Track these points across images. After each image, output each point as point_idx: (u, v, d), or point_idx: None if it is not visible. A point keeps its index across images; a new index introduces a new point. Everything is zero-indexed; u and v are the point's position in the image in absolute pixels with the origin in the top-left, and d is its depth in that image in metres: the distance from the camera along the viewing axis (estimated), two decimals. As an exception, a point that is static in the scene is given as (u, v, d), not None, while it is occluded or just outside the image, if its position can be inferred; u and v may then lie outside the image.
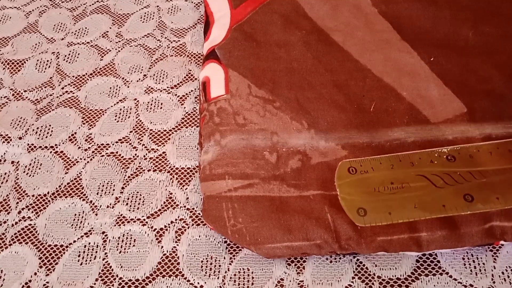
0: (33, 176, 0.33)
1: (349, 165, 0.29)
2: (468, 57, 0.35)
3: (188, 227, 0.30)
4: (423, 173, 0.28)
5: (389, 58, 0.35)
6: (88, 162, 0.34)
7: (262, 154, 0.31)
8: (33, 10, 0.44)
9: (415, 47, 0.35)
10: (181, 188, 0.32)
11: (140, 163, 0.33)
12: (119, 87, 0.38)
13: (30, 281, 0.29)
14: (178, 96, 0.37)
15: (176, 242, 0.30)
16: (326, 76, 0.34)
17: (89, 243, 0.30)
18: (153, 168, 0.33)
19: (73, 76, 0.39)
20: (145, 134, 0.35)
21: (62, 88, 0.38)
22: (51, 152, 0.34)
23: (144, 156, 0.34)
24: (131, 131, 0.35)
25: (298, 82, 0.34)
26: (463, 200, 0.27)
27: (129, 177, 0.33)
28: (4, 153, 0.34)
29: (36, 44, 0.41)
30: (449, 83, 0.33)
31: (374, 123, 0.32)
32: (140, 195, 0.32)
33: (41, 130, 0.35)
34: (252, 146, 0.31)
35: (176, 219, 0.31)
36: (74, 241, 0.30)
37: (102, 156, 0.34)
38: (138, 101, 0.37)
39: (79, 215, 0.31)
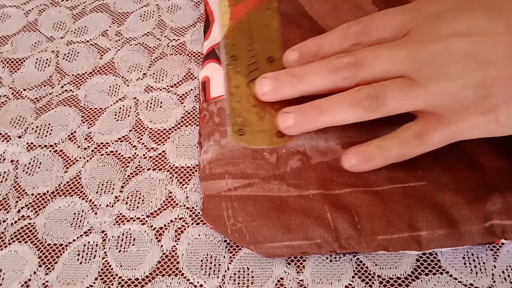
0: (32, 175, 0.33)
1: (233, 133, 0.31)
2: None
3: (188, 226, 0.30)
4: (247, 80, 0.32)
5: None
6: (87, 161, 0.33)
7: (261, 154, 0.31)
8: (32, 8, 0.44)
9: None
10: (181, 187, 0.32)
11: (139, 162, 0.33)
12: (119, 86, 0.38)
13: (29, 280, 0.29)
14: (178, 95, 0.37)
15: (175, 241, 0.30)
16: None
17: (89, 242, 0.30)
18: (153, 167, 0.33)
19: (73, 75, 0.38)
20: (144, 133, 0.35)
21: (62, 87, 0.38)
22: (50, 151, 0.34)
23: (144, 155, 0.34)
24: (130, 130, 0.35)
25: None
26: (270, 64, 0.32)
27: (128, 176, 0.33)
28: (4, 152, 0.34)
29: (35, 43, 0.41)
30: None
31: (374, 122, 0.32)
32: (140, 194, 0.32)
33: (40, 129, 0.35)
34: None
35: (175, 218, 0.31)
36: (74, 240, 0.30)
37: (102, 155, 0.34)
38: (137, 100, 0.37)
39: (78, 214, 0.31)
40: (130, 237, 0.30)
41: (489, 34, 0.26)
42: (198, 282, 0.28)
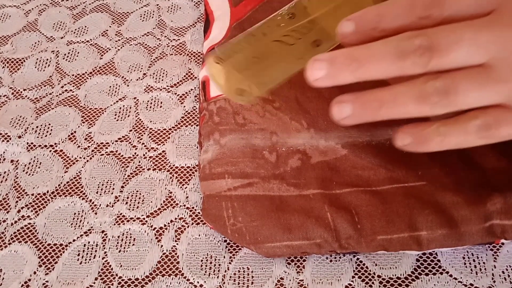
0: (32, 175, 0.33)
1: (215, 55, 0.29)
2: None
3: (188, 226, 0.30)
4: (276, 38, 0.28)
5: None
6: (87, 161, 0.33)
7: (261, 153, 0.31)
8: (32, 8, 0.44)
9: None
10: (181, 187, 0.32)
11: (139, 162, 0.33)
12: (119, 86, 0.38)
13: (29, 280, 0.29)
14: (178, 95, 0.37)
15: (175, 241, 0.30)
16: None
17: (89, 242, 0.30)
18: (153, 167, 0.33)
19: (73, 75, 0.38)
20: (144, 133, 0.35)
21: (62, 87, 0.38)
22: (50, 151, 0.34)
23: (144, 155, 0.34)
24: (130, 130, 0.35)
25: (298, 81, 0.34)
26: (313, 47, 0.27)
27: (128, 176, 0.33)
28: (4, 152, 0.34)
29: (35, 43, 0.41)
30: None
31: (373, 122, 0.32)
32: (140, 194, 0.32)
33: (40, 129, 0.35)
34: (252, 145, 0.31)
35: (175, 218, 0.31)
36: (74, 240, 0.30)
37: (102, 155, 0.34)
38: (137, 100, 0.37)
39: (78, 214, 0.31)
40: (130, 237, 0.30)
41: None
42: (198, 282, 0.28)
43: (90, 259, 0.29)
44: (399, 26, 0.24)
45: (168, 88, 0.37)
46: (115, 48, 0.40)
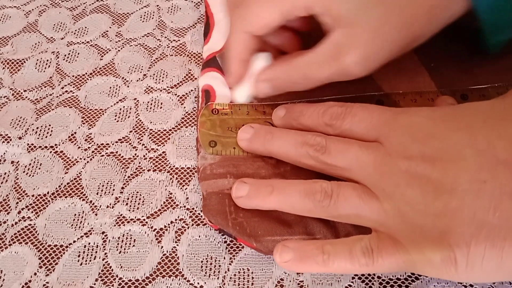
0: (33, 176, 0.33)
1: (214, 107, 0.33)
2: (468, 62, 0.34)
3: (188, 227, 0.30)
4: (270, 120, 0.33)
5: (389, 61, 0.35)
6: (88, 162, 0.33)
7: (261, 156, 0.31)
8: (32, 9, 0.44)
9: (415, 51, 0.35)
10: (181, 188, 0.32)
11: (140, 163, 0.33)
12: (119, 86, 0.38)
13: (30, 281, 0.29)
14: (178, 95, 0.37)
15: (176, 242, 0.30)
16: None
17: (89, 243, 0.30)
18: (153, 168, 0.33)
19: (73, 76, 0.39)
20: (145, 134, 0.35)
21: (62, 88, 0.38)
22: (51, 152, 0.34)
23: (144, 156, 0.34)
24: (131, 131, 0.35)
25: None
26: None
27: (129, 177, 0.33)
28: (4, 153, 0.34)
29: (36, 44, 0.41)
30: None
31: None
32: (140, 195, 0.32)
33: (41, 130, 0.35)
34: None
35: (176, 219, 0.31)
36: (74, 241, 0.30)
37: (102, 156, 0.34)
38: (138, 100, 0.37)
39: (79, 215, 0.31)
40: (131, 238, 0.30)
41: (455, 161, 0.24)
42: (198, 283, 0.28)
43: (90, 260, 0.29)
44: (311, 125, 0.30)
45: (168, 89, 0.37)
46: (115, 49, 0.40)
